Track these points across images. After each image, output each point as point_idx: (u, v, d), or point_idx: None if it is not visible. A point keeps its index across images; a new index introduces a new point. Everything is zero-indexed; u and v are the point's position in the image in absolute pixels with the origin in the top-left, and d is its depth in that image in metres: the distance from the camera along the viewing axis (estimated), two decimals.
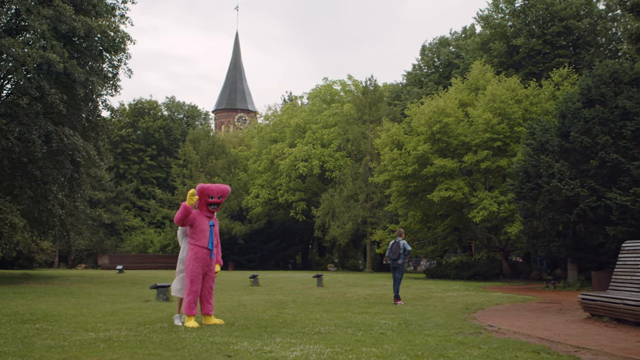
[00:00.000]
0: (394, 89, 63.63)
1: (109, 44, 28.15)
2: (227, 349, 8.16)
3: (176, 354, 7.73)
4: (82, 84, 26.14)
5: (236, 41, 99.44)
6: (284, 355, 7.72)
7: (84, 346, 8.30)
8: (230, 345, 8.46)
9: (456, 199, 35.43)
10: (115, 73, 29.89)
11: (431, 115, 36.19)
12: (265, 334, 9.70)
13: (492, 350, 8.22)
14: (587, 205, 23.93)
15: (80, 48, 27.62)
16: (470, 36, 57.19)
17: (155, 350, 8.02)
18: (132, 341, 8.76)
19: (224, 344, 8.58)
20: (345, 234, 50.90)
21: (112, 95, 30.47)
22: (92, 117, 29.95)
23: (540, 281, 31.79)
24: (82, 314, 12.64)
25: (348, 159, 54.96)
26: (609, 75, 25.66)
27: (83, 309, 13.83)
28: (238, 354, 7.81)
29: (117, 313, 12.85)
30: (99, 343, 8.58)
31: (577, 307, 14.17)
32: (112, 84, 29.82)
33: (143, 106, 69.52)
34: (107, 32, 27.44)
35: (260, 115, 74.68)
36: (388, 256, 17.61)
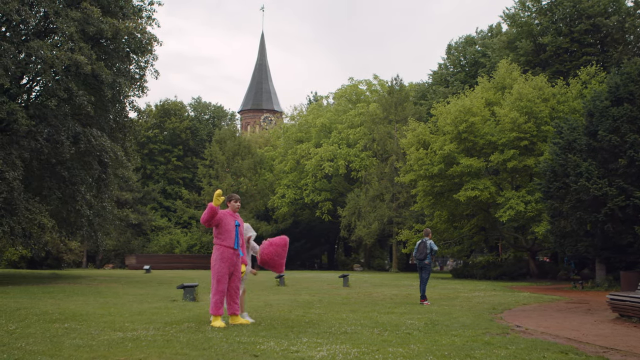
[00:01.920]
0: (419, 88, 63.40)
1: (135, 46, 28.37)
2: (253, 348, 8.18)
3: (203, 354, 7.76)
4: (110, 86, 26.34)
5: (262, 42, 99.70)
6: (310, 355, 7.72)
7: (111, 345, 8.36)
8: (256, 345, 8.47)
9: (482, 199, 35.26)
10: (142, 74, 30.09)
11: (457, 114, 36.05)
12: (292, 333, 9.70)
13: (520, 351, 8.17)
14: (616, 205, 23.73)
15: (108, 50, 27.85)
16: (497, 35, 56.81)
17: (183, 349, 8.06)
18: (159, 341, 8.81)
19: (250, 343, 8.59)
20: (371, 234, 50.82)
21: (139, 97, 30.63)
22: (120, 118, 30.18)
23: (568, 281, 31.54)
24: (110, 313, 12.73)
25: (374, 159, 54.83)
26: (637, 73, 25.42)
27: (111, 308, 13.93)
28: (265, 353, 7.82)
29: (145, 313, 12.92)
30: (127, 342, 8.63)
31: (606, 308, 14.05)
32: (139, 85, 30.01)
33: (169, 107, 69.81)
34: (134, 33, 27.64)
35: (285, 115, 74.78)
36: (415, 256, 17.57)
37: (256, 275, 12.91)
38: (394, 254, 54.40)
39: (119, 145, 29.13)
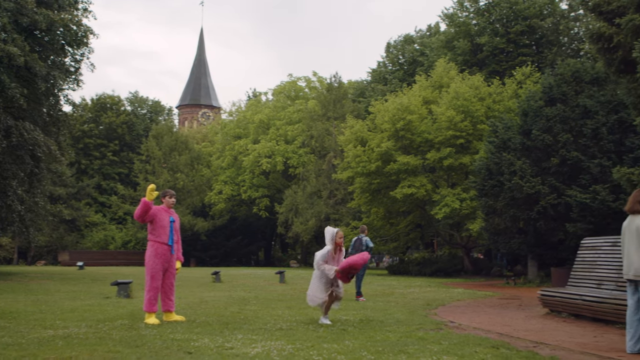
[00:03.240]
0: (358, 86, 63.66)
1: (71, 38, 27.71)
2: (187, 345, 8.05)
3: (136, 351, 7.60)
4: (43, 78, 25.70)
5: (201, 37, 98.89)
6: (245, 351, 7.63)
7: (42, 344, 8.12)
8: (191, 342, 8.35)
9: (419, 196, 35.57)
10: (77, 67, 29.41)
11: (395, 112, 36.27)
12: (227, 330, 9.60)
13: (452, 346, 8.21)
14: (548, 203, 24.17)
15: (42, 42, 27.16)
16: (435, 34, 57.36)
17: (115, 347, 7.88)
18: (91, 338, 8.60)
19: (184, 340, 8.47)
20: (309, 231, 50.83)
21: (74, 90, 29.90)
22: (54, 111, 29.43)
23: (501, 277, 32.05)
24: (41, 311, 12.41)
25: (312, 156, 54.85)
26: (570, 75, 25.94)
27: (42, 305, 13.59)
28: (199, 350, 7.70)
29: (77, 310, 12.63)
30: (58, 340, 8.40)
31: (537, 303, 14.25)
32: (74, 79, 29.32)
33: (106, 101, 68.55)
34: (70, 25, 27.00)
35: (224, 111, 74.24)
36: (351, 253, 17.58)
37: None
38: None
39: (53, 139, 28.42)
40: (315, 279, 11.25)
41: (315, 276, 11.26)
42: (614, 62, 11.26)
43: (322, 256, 11.24)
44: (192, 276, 29.63)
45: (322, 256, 11.24)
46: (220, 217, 58.59)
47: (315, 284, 11.22)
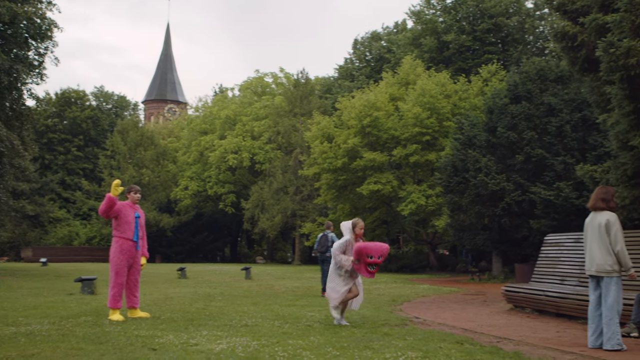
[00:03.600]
0: (325, 82, 63.68)
1: (35, 31, 27.32)
2: (152, 342, 7.96)
3: (100, 348, 7.50)
4: (6, 72, 25.31)
5: (167, 32, 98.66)
6: (209, 348, 7.57)
7: (3, 341, 7.99)
8: (155, 338, 8.26)
9: (385, 192, 35.67)
10: (41, 61, 29.00)
11: (362, 109, 36.33)
12: (192, 327, 9.53)
13: (417, 342, 8.23)
14: (512, 200, 24.39)
15: (5, 35, 26.74)
16: (402, 31, 57.60)
17: (79, 344, 7.77)
18: (54, 335, 8.47)
19: (149, 337, 8.37)
20: (275, 227, 50.78)
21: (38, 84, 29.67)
22: (17, 106, 28.99)
23: (466, 273, 32.27)
24: (3, 307, 12.22)
25: (278, 152, 54.75)
26: (535, 73, 26.20)
27: (4, 302, 13.38)
28: (163, 347, 7.63)
29: (40, 307, 12.46)
30: (20, 337, 8.26)
31: (501, 299, 14.37)
32: (38, 72, 28.90)
33: (70, 95, 67.75)
34: (33, 18, 26.64)
35: (190, 106, 73.94)
36: (317, 249, 17.58)
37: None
38: (296, 246, 54.52)
39: (16, 134, 28.00)
40: (332, 274, 10.57)
41: (332, 270, 10.58)
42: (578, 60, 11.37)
43: (339, 246, 10.45)
44: (157, 272, 29.44)
45: (339, 246, 10.45)
46: (186, 213, 58.30)
47: (333, 279, 10.53)
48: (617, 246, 8.05)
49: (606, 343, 7.89)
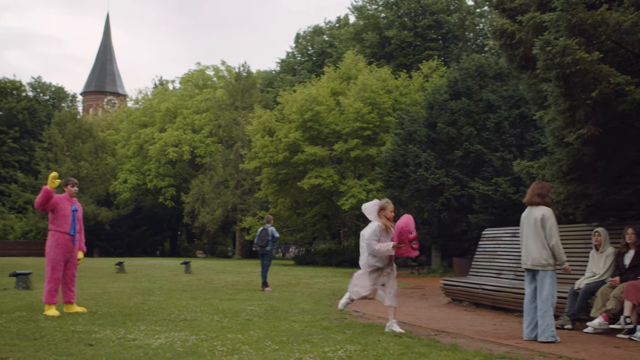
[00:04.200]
0: (267, 76, 63.57)
1: None
2: (88, 337, 7.84)
3: (34, 344, 7.35)
4: None
5: (107, 22, 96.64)
6: (147, 343, 7.50)
7: None
8: (92, 333, 8.14)
9: (326, 187, 35.74)
10: None
11: (303, 103, 36.32)
12: (130, 321, 9.41)
13: (356, 335, 8.28)
14: (452, 194, 24.67)
15: None
16: (344, 26, 57.76)
17: (12, 340, 7.60)
18: None
19: (85, 332, 8.24)
20: (215, 221, 50.52)
21: None
22: None
23: (406, 267, 32.50)
24: None
25: (219, 145, 54.44)
26: (475, 69, 26.54)
27: None
28: (100, 342, 7.52)
29: None
30: None
31: (440, 293, 14.54)
32: None
33: (6, 86, 66.19)
34: None
35: (130, 98, 72.91)
36: (257, 243, 17.56)
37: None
38: (237, 240, 54.36)
39: None
40: (364, 274, 9.31)
41: (364, 271, 9.30)
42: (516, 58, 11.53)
43: (372, 232, 9.10)
44: (95, 267, 29.00)
45: (372, 232, 9.10)
46: (125, 207, 57.55)
47: (364, 279, 9.33)
48: (552, 240, 8.22)
49: (541, 335, 8.04)
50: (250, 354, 6.87)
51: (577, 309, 9.39)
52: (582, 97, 9.08)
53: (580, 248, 10.98)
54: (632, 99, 8.71)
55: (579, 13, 8.90)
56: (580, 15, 8.89)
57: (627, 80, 8.69)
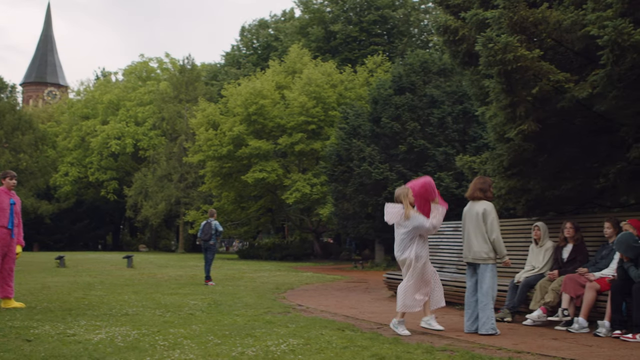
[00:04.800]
0: (211, 69, 63.19)
1: None
2: (27, 333, 7.69)
3: None
4: None
5: (48, 12, 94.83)
6: (87, 338, 7.38)
7: None
8: (30, 329, 7.98)
9: (270, 181, 35.73)
10: None
11: (248, 96, 36.21)
12: (70, 316, 9.26)
13: (299, 329, 8.28)
14: (395, 189, 24.81)
15: None
16: (290, 20, 57.67)
17: None
18: None
19: (23, 328, 8.09)
20: (158, 214, 50.11)
21: None
22: None
23: (350, 261, 32.72)
24: None
25: (163, 138, 53.95)
26: (419, 65, 26.75)
27: None
28: (39, 338, 7.38)
29: None
30: None
31: (383, 286, 14.63)
32: None
33: None
34: None
35: (71, 90, 71.64)
36: (200, 237, 17.47)
37: None
38: (180, 234, 54.00)
39: None
40: (419, 280, 8.53)
41: (419, 275, 8.53)
42: (459, 54, 11.63)
43: (394, 215, 8.82)
44: (34, 261, 28.48)
45: (394, 215, 8.82)
46: (66, 200, 56.62)
47: (419, 286, 8.51)
48: (493, 234, 8.33)
49: (481, 328, 8.15)
50: (192, 348, 6.83)
51: (517, 301, 9.55)
52: (523, 94, 9.22)
53: (520, 242, 11.16)
54: (571, 96, 8.87)
55: (521, 11, 9.03)
56: (522, 13, 9.02)
57: (566, 77, 8.84)
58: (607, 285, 8.30)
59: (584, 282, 8.57)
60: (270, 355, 6.43)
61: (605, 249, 9.01)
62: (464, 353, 6.66)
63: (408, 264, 8.54)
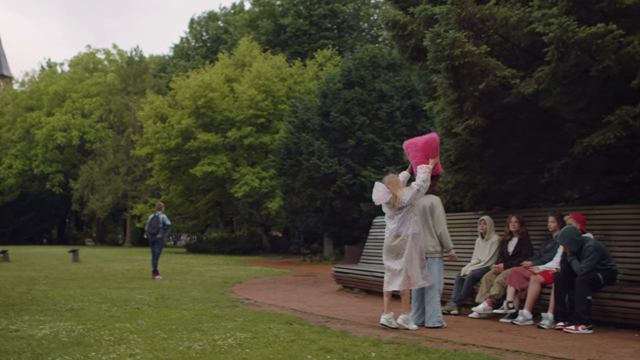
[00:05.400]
0: (160, 61, 62.56)
1: None
2: None
3: None
4: None
5: None
6: (31, 333, 7.27)
7: None
8: None
9: (219, 174, 35.56)
10: None
11: (196, 89, 35.98)
12: (13, 312, 9.12)
13: (247, 323, 8.27)
14: (344, 183, 24.93)
15: None
16: (239, 12, 57.40)
17: None
18: None
19: None
20: (105, 208, 49.53)
21: None
22: None
23: (298, 255, 32.75)
24: None
25: (110, 131, 53.28)
26: (368, 59, 26.86)
27: None
28: None
29: None
30: None
31: (331, 280, 14.67)
32: None
33: None
34: None
35: (16, 81, 70.22)
36: (147, 230, 17.33)
37: None
38: (127, 228, 53.45)
39: None
40: (416, 258, 8.23)
41: (417, 254, 8.24)
42: (408, 49, 11.71)
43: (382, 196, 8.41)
44: None
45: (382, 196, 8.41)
46: (9, 193, 55.56)
47: (419, 262, 8.27)
48: (440, 228, 8.42)
49: (428, 320, 8.24)
50: (138, 343, 6.77)
51: (463, 294, 9.67)
52: (470, 89, 9.32)
53: (467, 236, 11.30)
54: (517, 92, 9.00)
55: (468, 7, 9.12)
56: (470, 9, 9.12)
57: (512, 73, 8.97)
58: (551, 278, 8.46)
59: (529, 275, 8.71)
60: (217, 349, 6.41)
61: (549, 243, 9.17)
62: (411, 346, 6.71)
63: (400, 245, 8.24)
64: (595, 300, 7.87)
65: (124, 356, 6.08)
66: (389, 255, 8.39)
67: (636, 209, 9.03)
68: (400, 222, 8.26)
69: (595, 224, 9.13)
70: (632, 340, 7.16)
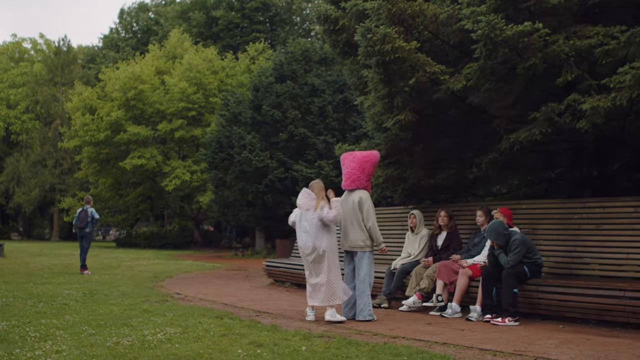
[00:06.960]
0: (89, 51, 61.46)
1: None
2: None
3: None
4: None
5: None
6: None
7: None
8: None
9: (149, 167, 35.18)
10: None
11: (126, 81, 35.49)
12: None
13: (177, 318, 8.21)
14: (276, 177, 24.92)
15: None
16: (171, 4, 56.79)
17: None
18: None
19: None
20: (31, 201, 48.40)
21: None
22: None
23: (230, 249, 32.62)
24: None
25: (37, 122, 52.02)
26: (300, 53, 26.87)
27: None
28: None
29: None
30: None
31: (263, 274, 14.68)
32: None
33: None
34: None
35: None
36: (76, 224, 17.00)
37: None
38: (55, 222, 52.36)
39: None
40: (335, 264, 8.46)
41: (335, 260, 8.48)
42: (339, 44, 11.75)
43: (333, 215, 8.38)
44: None
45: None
46: None
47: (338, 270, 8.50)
48: (369, 222, 8.49)
49: (359, 314, 8.30)
50: (65, 339, 6.65)
51: (393, 288, 9.78)
52: (400, 85, 9.42)
53: (397, 230, 11.43)
54: (446, 87, 9.13)
55: (399, 3, 9.22)
56: (400, 5, 9.21)
57: (442, 69, 9.10)
58: (479, 272, 8.63)
59: (457, 269, 8.86)
60: (146, 345, 6.35)
61: (477, 237, 9.35)
62: (341, 339, 6.76)
63: (317, 256, 8.39)
64: (522, 293, 8.07)
65: (50, 353, 5.96)
66: (307, 269, 8.59)
67: (561, 204, 9.27)
68: (315, 235, 8.43)
69: (522, 218, 9.36)
70: (557, 332, 7.36)
